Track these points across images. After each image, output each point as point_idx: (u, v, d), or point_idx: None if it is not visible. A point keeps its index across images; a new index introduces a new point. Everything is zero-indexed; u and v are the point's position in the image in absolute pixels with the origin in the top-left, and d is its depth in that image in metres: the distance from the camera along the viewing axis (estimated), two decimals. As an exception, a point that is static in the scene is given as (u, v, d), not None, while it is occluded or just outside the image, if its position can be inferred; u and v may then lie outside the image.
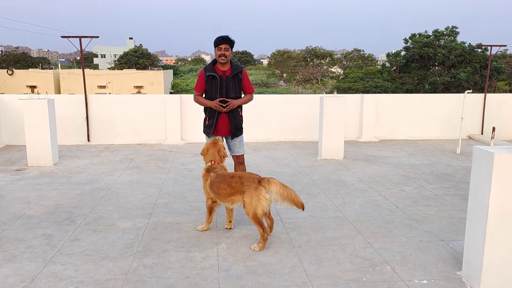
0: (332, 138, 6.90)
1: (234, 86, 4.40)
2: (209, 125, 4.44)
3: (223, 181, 3.71)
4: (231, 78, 4.38)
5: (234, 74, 4.39)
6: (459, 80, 28.13)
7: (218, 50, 4.29)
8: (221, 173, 3.80)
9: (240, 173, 3.86)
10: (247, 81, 4.53)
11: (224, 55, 4.28)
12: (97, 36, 7.93)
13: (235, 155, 4.63)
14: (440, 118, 8.91)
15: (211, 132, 4.44)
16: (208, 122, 4.45)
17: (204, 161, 4.20)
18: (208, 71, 4.38)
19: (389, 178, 5.83)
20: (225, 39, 4.28)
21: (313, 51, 55.54)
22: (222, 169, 3.91)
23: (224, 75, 4.37)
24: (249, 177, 3.63)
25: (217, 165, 3.97)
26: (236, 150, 4.61)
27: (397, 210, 4.56)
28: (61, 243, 3.67)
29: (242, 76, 4.45)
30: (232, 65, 4.44)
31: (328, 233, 3.94)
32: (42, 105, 6.28)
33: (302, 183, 5.58)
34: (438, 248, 3.61)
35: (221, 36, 4.31)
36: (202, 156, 4.20)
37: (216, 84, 4.35)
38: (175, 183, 5.52)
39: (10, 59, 61.52)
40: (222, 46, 4.27)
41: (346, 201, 4.87)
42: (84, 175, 5.88)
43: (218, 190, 3.73)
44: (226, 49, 4.28)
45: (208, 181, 3.86)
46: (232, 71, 4.40)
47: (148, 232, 3.92)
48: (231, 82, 4.37)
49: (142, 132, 8.24)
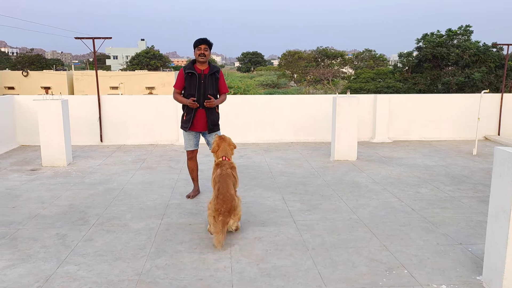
0: (345, 139, 6.83)
1: (211, 83, 4.70)
2: (187, 120, 4.73)
3: (215, 185, 3.92)
4: (208, 76, 4.68)
5: (212, 73, 4.71)
6: (473, 80, 27.69)
7: (198, 50, 4.62)
8: (221, 175, 3.92)
9: (223, 194, 3.78)
10: (223, 81, 4.86)
11: (203, 54, 4.61)
12: (110, 37, 7.98)
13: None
14: (455, 119, 8.76)
15: (188, 127, 4.73)
16: (186, 118, 4.74)
17: (215, 157, 4.23)
18: (187, 69, 4.69)
19: (403, 180, 5.74)
20: (204, 40, 4.63)
21: (324, 52, 55.28)
22: (228, 168, 4.02)
23: (203, 73, 4.67)
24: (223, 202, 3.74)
25: (227, 162, 4.09)
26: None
27: (412, 213, 4.47)
28: (75, 243, 3.68)
29: (219, 75, 4.78)
30: (210, 65, 4.75)
31: (343, 236, 3.88)
32: (56, 105, 6.33)
33: (315, 184, 5.52)
34: (456, 252, 3.53)
35: (200, 38, 4.64)
36: (213, 153, 4.26)
37: (194, 81, 4.64)
38: (187, 183, 5.51)
39: (25, 61, 62.58)
40: (202, 46, 4.61)
41: (360, 203, 4.80)
42: (97, 175, 5.91)
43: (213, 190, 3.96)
44: (205, 49, 4.62)
45: (214, 175, 4.03)
46: (210, 70, 4.71)
47: (161, 233, 3.91)
48: (208, 79, 4.67)
49: (154, 133, 8.27)
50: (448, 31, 30.63)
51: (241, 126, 8.29)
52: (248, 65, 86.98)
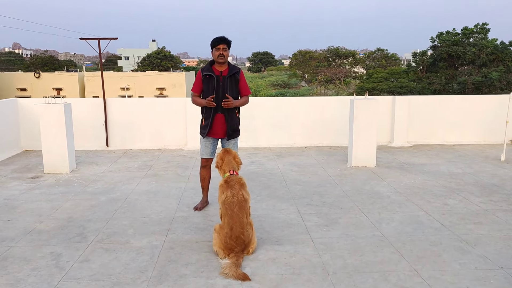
0: (363, 144, 6.39)
1: (231, 86, 4.34)
2: (205, 126, 4.40)
3: (226, 215, 3.48)
4: (228, 78, 4.32)
5: (231, 74, 4.34)
6: (490, 80, 26.84)
7: (217, 50, 4.27)
8: (230, 203, 3.48)
9: (236, 236, 3.39)
10: (244, 82, 4.48)
11: (222, 54, 4.25)
12: (116, 38, 7.67)
13: None
14: (479, 121, 8.24)
15: (206, 132, 4.39)
16: (204, 123, 4.42)
17: (219, 173, 3.83)
18: (205, 71, 4.35)
19: (428, 190, 5.29)
20: (222, 39, 4.25)
21: (335, 51, 54.62)
22: (239, 189, 3.56)
23: (221, 75, 4.32)
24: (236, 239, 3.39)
25: (235, 178, 3.66)
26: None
27: (443, 229, 4.03)
28: (70, 264, 3.34)
29: (239, 77, 4.40)
30: (230, 65, 4.39)
31: (367, 257, 3.47)
32: (58, 110, 6.03)
33: (333, 194, 5.11)
34: (498, 279, 3.09)
35: (218, 37, 4.27)
36: (218, 169, 3.85)
37: (213, 84, 4.30)
38: (195, 193, 5.15)
39: (38, 63, 63.16)
40: (220, 46, 4.26)
41: (383, 216, 4.38)
42: (100, 184, 5.58)
43: (222, 217, 3.54)
44: (224, 49, 4.26)
45: (223, 196, 3.55)
46: (230, 71, 4.35)
47: (165, 252, 3.55)
48: (227, 82, 4.31)
49: (162, 137, 7.93)
50: (464, 30, 29.83)
51: (252, 130, 7.90)
52: (259, 65, 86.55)
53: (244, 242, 3.41)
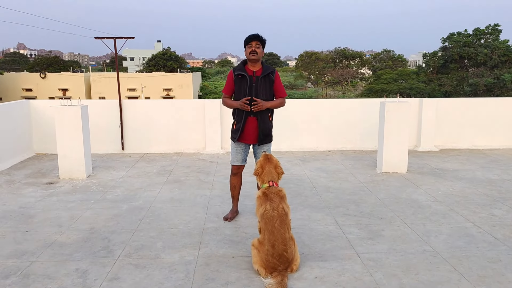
0: (394, 148, 6.07)
1: (264, 87, 4.03)
2: (236, 130, 4.11)
3: (266, 231, 3.18)
4: (261, 79, 4.02)
5: (265, 75, 4.03)
6: (503, 81, 26.44)
7: (249, 47, 3.98)
8: (270, 217, 3.18)
9: (279, 254, 3.08)
10: (279, 83, 4.15)
11: (255, 51, 3.94)
12: (133, 37, 7.39)
13: None
14: (510, 125, 7.89)
15: (237, 137, 4.10)
16: (235, 127, 4.13)
17: (258, 181, 3.54)
18: (237, 70, 4.06)
19: (470, 198, 4.96)
20: (255, 36, 3.98)
21: (342, 52, 54.27)
22: (279, 202, 3.27)
23: (254, 75, 4.02)
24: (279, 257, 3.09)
25: (275, 189, 3.37)
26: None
27: (497, 243, 3.71)
28: (98, 283, 3.04)
29: (274, 77, 4.09)
30: (264, 65, 4.09)
31: (422, 275, 3.15)
32: (75, 112, 5.74)
33: (369, 203, 4.79)
34: None
35: (251, 34, 4.01)
36: (256, 176, 3.56)
37: (245, 84, 4.00)
38: (222, 201, 4.84)
39: (43, 63, 63.18)
40: (253, 42, 3.97)
41: (429, 228, 4.05)
42: (120, 190, 5.29)
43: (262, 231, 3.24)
44: (257, 45, 3.97)
45: (262, 209, 3.26)
46: (263, 71, 4.04)
47: (201, 269, 3.24)
48: (261, 82, 4.01)
49: (179, 140, 7.63)
50: (476, 31, 29.44)
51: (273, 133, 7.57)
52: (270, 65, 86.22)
53: (288, 259, 3.11)
